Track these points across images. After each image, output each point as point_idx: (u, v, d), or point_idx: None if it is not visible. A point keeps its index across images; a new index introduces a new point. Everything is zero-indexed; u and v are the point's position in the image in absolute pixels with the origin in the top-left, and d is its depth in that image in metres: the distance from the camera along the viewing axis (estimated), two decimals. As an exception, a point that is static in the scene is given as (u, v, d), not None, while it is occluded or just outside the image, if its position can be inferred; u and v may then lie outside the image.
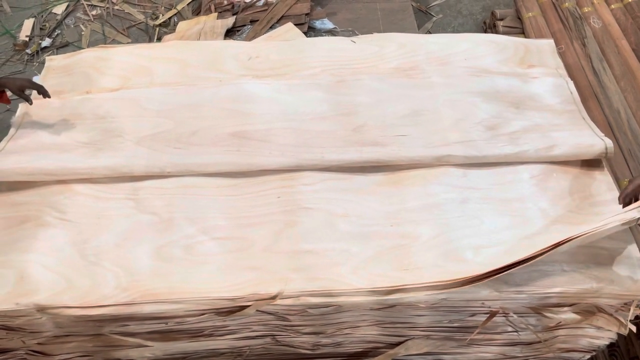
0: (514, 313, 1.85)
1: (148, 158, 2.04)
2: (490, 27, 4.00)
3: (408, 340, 2.00)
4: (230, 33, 3.68)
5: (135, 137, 2.13)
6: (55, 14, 4.44)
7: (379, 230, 1.88)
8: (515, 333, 1.99)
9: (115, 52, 2.48)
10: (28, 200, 1.98)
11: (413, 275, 1.75)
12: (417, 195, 1.97)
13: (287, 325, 1.91)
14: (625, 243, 1.83)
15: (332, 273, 1.78)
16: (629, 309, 1.80)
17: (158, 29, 4.28)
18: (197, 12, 4.16)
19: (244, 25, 3.72)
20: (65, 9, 4.48)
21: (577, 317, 1.84)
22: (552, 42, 2.56)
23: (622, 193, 1.76)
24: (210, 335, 1.93)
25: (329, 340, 2.01)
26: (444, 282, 1.71)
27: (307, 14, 3.71)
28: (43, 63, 2.58)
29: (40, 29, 4.32)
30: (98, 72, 2.39)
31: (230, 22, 3.67)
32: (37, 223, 1.90)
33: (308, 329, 1.93)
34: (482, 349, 2.09)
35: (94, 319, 1.77)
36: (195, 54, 2.46)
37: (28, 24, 4.32)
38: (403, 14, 3.87)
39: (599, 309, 1.84)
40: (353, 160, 2.03)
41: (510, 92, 2.28)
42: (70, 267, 1.80)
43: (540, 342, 2.01)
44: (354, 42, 2.52)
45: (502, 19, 3.86)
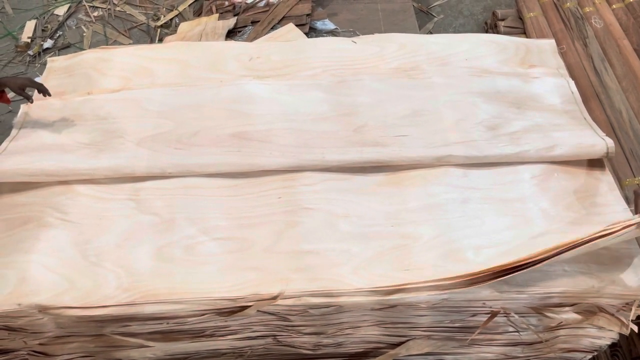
0: (515, 313, 1.84)
1: (149, 159, 2.05)
2: (492, 27, 4.00)
3: (409, 341, 2.00)
4: (232, 34, 3.68)
5: (136, 137, 2.13)
6: (57, 16, 4.46)
7: (380, 231, 1.89)
8: (517, 333, 1.98)
9: (117, 53, 2.48)
10: (30, 201, 1.98)
11: (414, 276, 1.75)
12: (417, 196, 1.97)
13: (288, 326, 1.91)
14: (627, 243, 1.83)
15: (332, 273, 1.78)
16: (631, 309, 1.80)
17: (159, 30, 4.29)
18: (198, 13, 4.17)
19: (245, 26, 3.73)
20: (67, 11, 4.49)
21: (578, 317, 1.84)
22: (553, 42, 2.56)
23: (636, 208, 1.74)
24: (212, 336, 1.93)
25: (330, 341, 2.01)
26: (447, 280, 1.70)
27: (308, 15, 3.72)
28: (45, 64, 2.58)
29: (42, 31, 4.33)
30: (99, 73, 2.40)
31: (232, 23, 3.68)
32: (38, 224, 1.91)
33: (309, 329, 1.93)
34: (483, 349, 2.09)
35: (96, 320, 1.78)
36: (197, 55, 2.47)
37: (30, 26, 4.33)
38: (404, 15, 3.87)
39: (601, 309, 1.83)
40: (354, 161, 2.03)
41: (511, 92, 2.28)
42: (72, 267, 1.81)
43: (542, 342, 2.01)
44: (355, 42, 2.52)
45: (503, 19, 3.86)
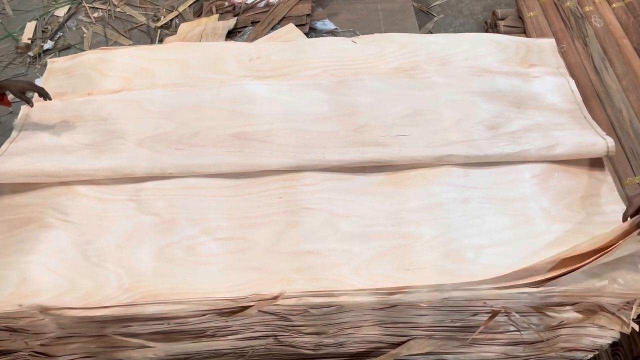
0: (516, 312, 1.84)
1: (150, 159, 2.05)
2: (492, 26, 4.00)
3: (410, 340, 2.00)
4: (232, 34, 3.68)
5: (137, 138, 2.13)
6: (57, 17, 4.46)
7: (381, 231, 1.89)
8: (518, 332, 1.98)
9: (117, 53, 2.49)
10: (30, 202, 1.99)
11: (414, 276, 1.76)
12: (418, 195, 1.97)
13: (289, 326, 1.91)
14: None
15: (333, 273, 1.78)
16: (632, 308, 1.80)
17: (159, 31, 4.30)
18: (198, 13, 4.17)
19: (245, 27, 3.73)
20: (67, 12, 4.50)
21: (579, 316, 1.84)
22: (553, 41, 2.56)
23: (624, 214, 1.69)
24: (213, 336, 1.93)
25: (331, 341, 2.01)
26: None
27: (308, 15, 3.72)
28: (45, 65, 2.59)
29: (42, 32, 4.33)
30: (100, 74, 2.40)
31: (232, 23, 3.68)
32: (39, 225, 1.91)
33: (310, 329, 1.93)
34: (484, 349, 2.09)
35: (97, 320, 1.78)
36: (197, 56, 2.47)
37: (30, 27, 4.34)
38: (404, 15, 3.87)
39: (601, 308, 1.83)
40: (354, 161, 2.03)
41: (512, 91, 2.28)
42: (73, 268, 1.81)
43: (543, 341, 2.01)
44: (355, 42, 2.52)
45: (503, 19, 3.86)
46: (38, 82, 2.36)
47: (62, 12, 4.50)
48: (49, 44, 4.22)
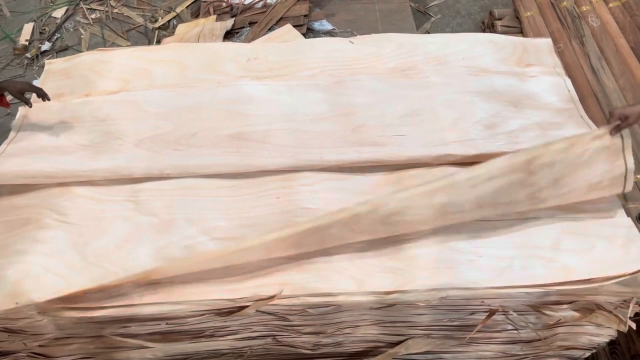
0: (514, 311, 1.85)
1: (148, 160, 2.05)
2: (489, 26, 4.01)
3: (408, 340, 2.00)
4: (229, 35, 3.69)
5: (135, 139, 2.14)
6: (55, 18, 4.47)
7: None
8: (515, 331, 1.99)
9: (115, 54, 2.49)
10: (29, 203, 1.99)
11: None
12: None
13: (287, 326, 1.91)
14: (625, 240, 1.84)
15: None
16: (629, 306, 1.81)
17: (157, 32, 4.30)
18: (196, 14, 4.18)
19: (243, 27, 3.74)
20: (65, 13, 4.50)
21: (576, 314, 1.85)
22: (549, 41, 2.56)
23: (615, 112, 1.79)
24: (211, 336, 1.94)
25: (330, 340, 2.02)
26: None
27: (305, 16, 3.73)
28: (43, 67, 2.59)
29: (40, 33, 4.34)
30: (97, 75, 2.40)
31: (229, 24, 3.69)
32: (37, 225, 1.91)
33: (308, 329, 1.94)
34: (482, 348, 2.09)
35: (95, 321, 1.78)
36: (194, 56, 2.47)
37: (28, 28, 4.34)
38: (401, 15, 3.88)
39: (599, 307, 1.84)
40: (352, 161, 2.03)
41: (509, 91, 2.28)
42: (71, 269, 1.81)
43: (540, 340, 2.02)
44: (352, 42, 2.52)
45: (500, 19, 3.87)
46: (36, 83, 2.36)
47: (59, 13, 4.50)
48: (47, 46, 4.23)
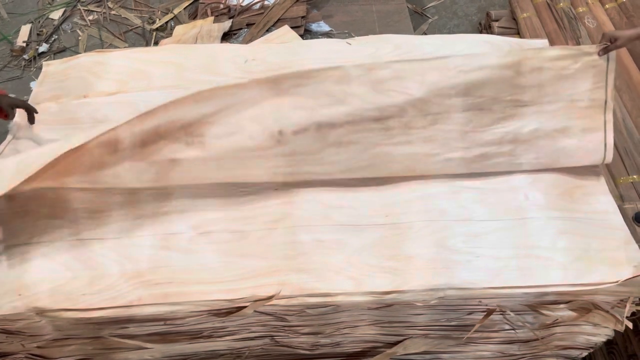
0: (511, 311, 1.86)
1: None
2: (486, 28, 4.02)
3: (406, 340, 2.01)
4: (227, 36, 3.69)
5: None
6: (52, 20, 4.46)
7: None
8: (513, 331, 2.00)
9: (112, 56, 2.49)
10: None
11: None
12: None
13: (285, 326, 1.92)
14: (622, 239, 1.85)
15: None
16: (625, 306, 1.81)
17: (155, 33, 4.30)
18: (193, 16, 4.18)
19: (241, 29, 3.74)
20: (62, 15, 4.50)
21: (573, 314, 1.86)
22: (546, 42, 2.57)
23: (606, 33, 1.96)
24: (210, 337, 1.94)
25: (328, 341, 2.02)
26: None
27: (303, 17, 3.73)
28: (40, 68, 2.58)
29: (37, 35, 4.33)
30: (95, 76, 2.39)
31: (227, 25, 3.69)
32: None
33: (306, 329, 1.94)
34: (480, 347, 2.10)
35: (93, 322, 1.78)
36: (192, 57, 2.47)
37: (25, 30, 4.34)
38: (399, 16, 3.89)
39: (596, 306, 1.85)
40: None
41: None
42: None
43: (538, 339, 2.02)
44: (350, 44, 2.52)
45: (497, 20, 3.88)
46: (33, 85, 2.36)
47: (57, 15, 4.50)
48: (44, 47, 4.22)
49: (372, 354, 2.10)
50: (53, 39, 4.32)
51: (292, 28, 3.59)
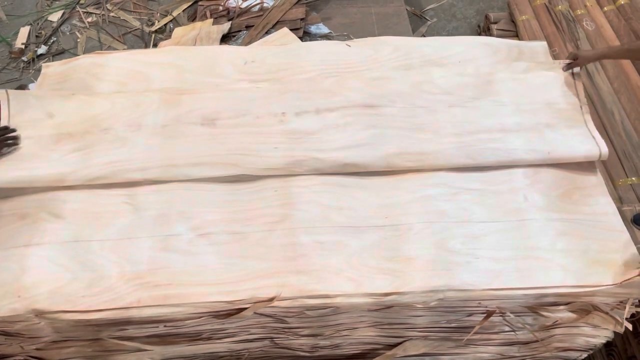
0: (511, 312, 1.86)
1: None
2: (485, 30, 4.02)
3: (406, 341, 2.01)
4: (226, 39, 3.69)
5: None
6: (51, 22, 4.46)
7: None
8: (513, 332, 2.00)
9: (112, 58, 2.48)
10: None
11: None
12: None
13: (285, 328, 1.92)
14: (621, 241, 1.85)
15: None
16: (625, 307, 1.82)
17: (154, 35, 4.30)
18: (192, 18, 4.18)
19: (240, 31, 3.74)
20: (61, 17, 4.50)
21: (573, 315, 1.86)
22: (544, 43, 2.57)
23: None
24: (209, 339, 1.94)
25: (328, 342, 2.02)
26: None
27: (302, 19, 3.73)
28: (39, 70, 2.58)
29: (36, 37, 4.33)
30: (95, 77, 2.39)
31: (226, 27, 3.69)
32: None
33: (306, 331, 1.94)
34: (479, 349, 2.10)
35: (92, 324, 1.78)
36: (192, 59, 2.47)
37: (24, 32, 4.34)
38: (398, 18, 3.89)
39: (595, 308, 1.85)
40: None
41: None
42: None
43: (538, 341, 2.02)
44: (349, 45, 2.53)
45: (496, 22, 3.89)
46: (32, 86, 2.35)
47: (55, 17, 4.50)
48: (43, 49, 4.22)
49: (371, 356, 2.10)
50: (52, 41, 4.32)
51: (291, 30, 3.59)
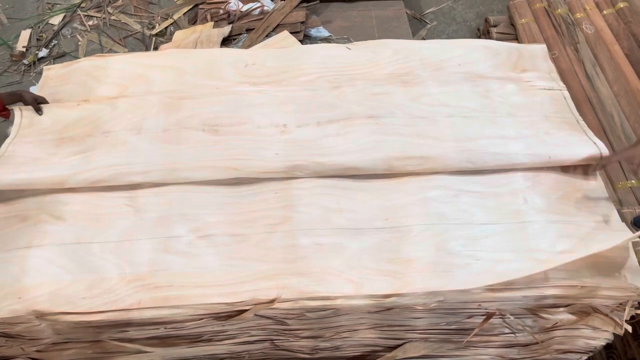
0: (511, 314, 1.86)
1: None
2: (484, 33, 4.03)
3: (406, 343, 2.01)
4: (227, 42, 3.70)
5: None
6: (52, 25, 4.47)
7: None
8: (512, 335, 2.00)
9: (113, 60, 2.49)
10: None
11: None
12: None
13: (285, 330, 1.92)
14: (620, 244, 1.84)
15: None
16: (625, 309, 1.82)
17: (155, 39, 4.31)
18: (193, 21, 4.19)
19: (240, 34, 3.75)
20: (62, 20, 4.51)
21: (573, 317, 1.86)
22: (544, 46, 2.58)
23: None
24: (209, 341, 1.94)
25: (328, 344, 2.02)
26: None
27: (302, 22, 3.74)
28: (40, 73, 2.59)
29: (37, 40, 4.34)
30: (96, 80, 2.40)
31: (227, 30, 3.70)
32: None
33: (306, 333, 1.94)
34: (479, 351, 2.10)
35: (93, 325, 1.78)
36: (192, 62, 2.48)
37: (25, 35, 4.35)
38: (397, 22, 3.90)
39: (595, 310, 1.85)
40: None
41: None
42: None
43: (537, 343, 2.02)
44: (349, 49, 2.53)
45: (495, 26, 3.89)
46: (33, 89, 2.36)
47: (56, 20, 4.51)
48: (44, 52, 4.23)
49: (371, 358, 2.10)
50: (53, 44, 4.33)
51: (291, 33, 3.61)
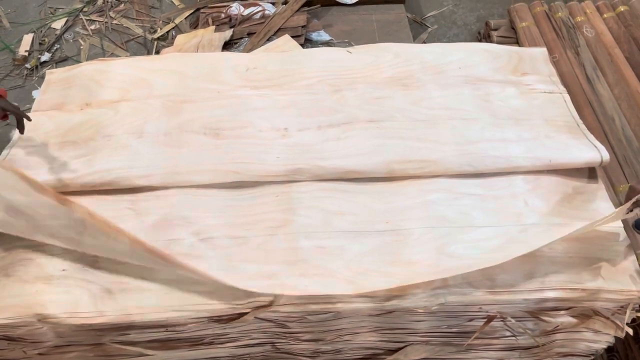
0: (512, 317, 1.86)
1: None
2: (485, 37, 4.04)
3: (407, 346, 2.01)
4: (228, 46, 3.71)
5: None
6: (54, 29, 4.49)
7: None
8: (514, 338, 2.00)
9: (115, 64, 2.50)
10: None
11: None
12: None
13: (286, 332, 1.92)
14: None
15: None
16: (626, 312, 1.82)
17: (156, 43, 4.33)
18: (194, 25, 4.20)
19: (242, 38, 3.76)
20: (64, 24, 4.52)
21: (574, 320, 1.86)
22: (544, 50, 2.59)
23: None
24: (211, 344, 1.94)
25: (329, 347, 2.02)
26: None
27: (303, 27, 3.75)
28: (42, 77, 2.60)
29: (40, 44, 4.36)
30: (98, 84, 2.41)
31: (228, 34, 3.71)
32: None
33: (307, 336, 1.94)
34: (480, 354, 2.10)
35: (95, 328, 1.78)
36: (194, 66, 2.49)
37: (27, 39, 4.36)
38: (398, 25, 3.91)
39: (596, 312, 1.85)
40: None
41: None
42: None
43: (539, 346, 2.02)
44: (350, 52, 2.54)
45: (496, 29, 3.90)
46: (35, 93, 2.36)
47: (59, 24, 4.53)
48: (46, 56, 4.24)
49: (373, 361, 2.10)
50: (55, 48, 4.34)
51: (292, 37, 3.61)
